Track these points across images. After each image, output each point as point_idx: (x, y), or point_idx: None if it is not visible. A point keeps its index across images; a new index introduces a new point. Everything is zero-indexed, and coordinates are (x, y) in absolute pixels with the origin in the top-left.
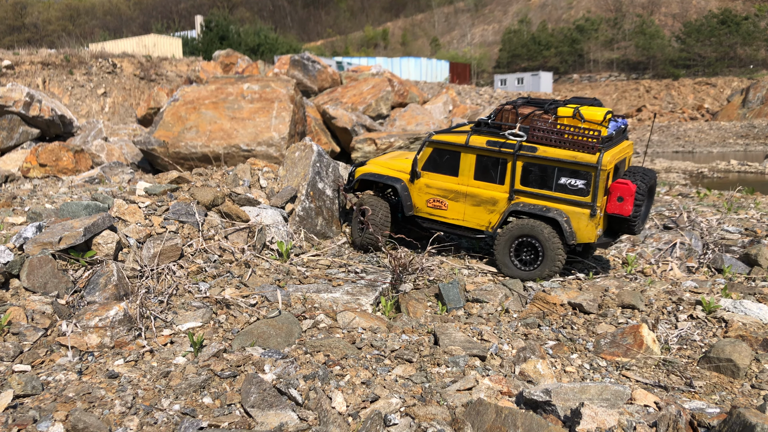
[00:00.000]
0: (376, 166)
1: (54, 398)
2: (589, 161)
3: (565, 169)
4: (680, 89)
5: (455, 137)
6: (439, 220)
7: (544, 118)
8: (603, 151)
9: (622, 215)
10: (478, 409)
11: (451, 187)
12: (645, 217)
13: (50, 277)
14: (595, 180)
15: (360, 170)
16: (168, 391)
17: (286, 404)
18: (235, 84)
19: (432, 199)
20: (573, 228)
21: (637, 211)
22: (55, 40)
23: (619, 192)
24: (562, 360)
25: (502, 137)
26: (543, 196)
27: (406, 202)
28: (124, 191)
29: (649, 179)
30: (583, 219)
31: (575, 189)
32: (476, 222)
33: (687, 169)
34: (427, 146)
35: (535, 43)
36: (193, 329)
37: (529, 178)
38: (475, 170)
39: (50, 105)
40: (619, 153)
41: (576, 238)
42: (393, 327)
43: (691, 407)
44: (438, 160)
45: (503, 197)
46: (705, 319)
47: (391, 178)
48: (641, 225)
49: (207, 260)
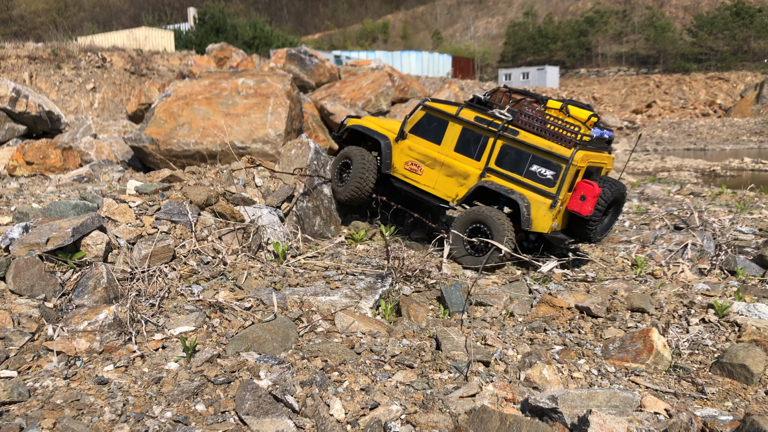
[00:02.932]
0: (368, 122)
1: (41, 405)
2: (562, 153)
3: (539, 158)
4: (692, 84)
5: (448, 107)
6: (411, 183)
7: (534, 105)
8: (578, 148)
9: (581, 214)
10: (482, 416)
11: (431, 154)
12: (606, 228)
13: (37, 280)
14: (563, 173)
15: (351, 121)
16: (160, 397)
17: (282, 411)
18: (229, 79)
19: (410, 162)
20: (531, 215)
21: (597, 215)
22: (42, 33)
23: (583, 191)
24: (569, 365)
25: (491, 116)
26: (512, 179)
27: (386, 160)
28: (114, 190)
29: (617, 191)
30: (542, 208)
31: (543, 178)
32: (444, 192)
33: (699, 167)
34: (420, 110)
35: (541, 36)
36: (186, 333)
37: (504, 159)
38: (457, 142)
39: (37, 101)
40: (596, 158)
41: (531, 225)
42: (393, 331)
43: (702, 415)
44: (426, 126)
45: (476, 173)
46: (717, 323)
47: (378, 133)
48: (599, 234)
49: (200, 262)
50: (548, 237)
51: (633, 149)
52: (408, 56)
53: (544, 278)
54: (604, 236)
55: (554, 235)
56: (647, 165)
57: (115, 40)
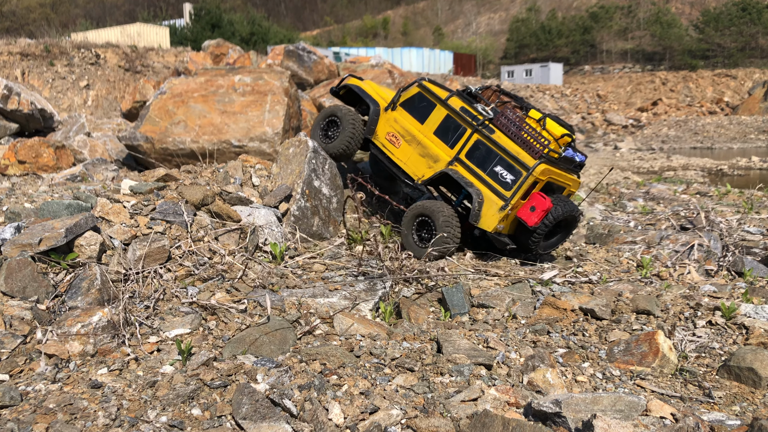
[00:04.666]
0: (367, 85)
1: (33, 409)
2: (526, 162)
3: (505, 160)
4: (698, 81)
5: (440, 91)
6: (386, 153)
7: (516, 110)
8: (542, 161)
9: (527, 224)
10: (484, 421)
11: (412, 131)
12: (552, 245)
13: (30, 281)
14: (522, 180)
15: (351, 80)
16: (154, 401)
17: (279, 416)
18: (225, 76)
19: (392, 134)
20: (481, 211)
21: (542, 229)
22: (34, 30)
23: (534, 202)
24: (572, 369)
25: (474, 110)
26: (475, 173)
27: (371, 126)
28: (108, 190)
29: (568, 211)
30: (493, 208)
31: (503, 180)
32: (413, 170)
33: (705, 166)
34: (415, 86)
35: (544, 32)
36: (181, 336)
37: (475, 153)
38: (438, 126)
39: (30, 98)
40: (559, 176)
41: (479, 221)
42: (393, 334)
43: (709, 419)
44: (416, 103)
45: (446, 159)
46: (724, 326)
47: (370, 97)
48: (542, 248)
49: (196, 263)
50: (491, 236)
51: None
52: (408, 53)
53: (547, 280)
54: (546, 252)
55: (497, 236)
56: (653, 164)
57: (109, 37)
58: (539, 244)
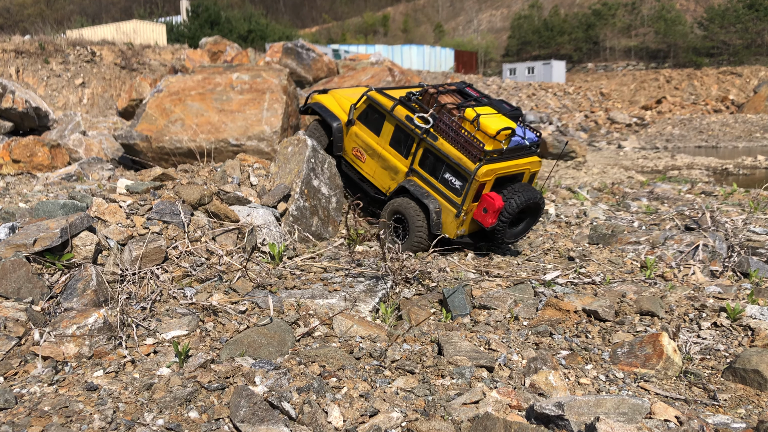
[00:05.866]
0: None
1: (28, 412)
2: (467, 167)
3: (451, 167)
4: (703, 79)
5: (386, 100)
6: (356, 169)
7: (453, 112)
8: (483, 163)
9: (483, 225)
10: (486, 424)
11: (372, 144)
12: (520, 233)
13: (24, 282)
14: (468, 186)
15: (315, 97)
16: (151, 404)
17: (278, 419)
18: (223, 74)
19: (356, 148)
20: (441, 220)
21: (500, 226)
22: (29, 27)
23: (486, 204)
24: (575, 371)
25: (419, 120)
26: (429, 183)
27: (338, 143)
28: (104, 189)
29: (526, 200)
30: (450, 215)
31: (453, 187)
32: (380, 183)
33: (710, 165)
34: (363, 100)
35: (547, 29)
36: (179, 338)
37: (426, 162)
38: (391, 137)
39: (24, 96)
40: (510, 168)
41: (441, 230)
42: (393, 336)
43: (714, 422)
44: (369, 115)
45: (403, 170)
46: (730, 327)
47: (332, 115)
48: (510, 238)
49: (193, 264)
50: (455, 240)
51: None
52: (409, 50)
53: (549, 281)
54: (517, 240)
55: (461, 239)
56: (657, 163)
57: (105, 34)
58: (505, 235)
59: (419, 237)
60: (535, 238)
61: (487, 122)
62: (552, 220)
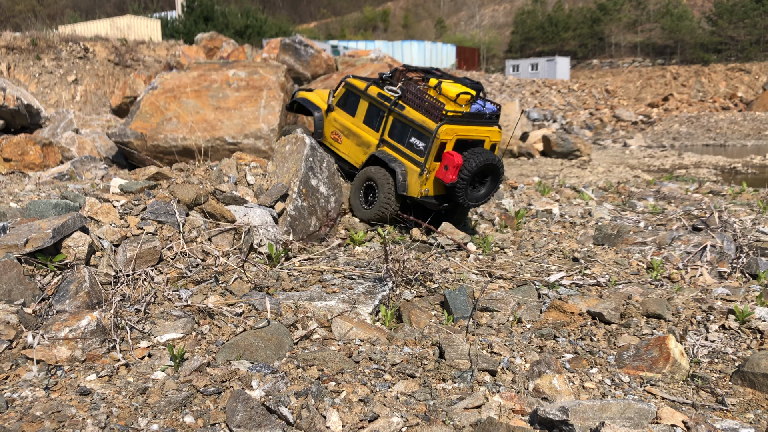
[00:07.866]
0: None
1: (20, 417)
2: (429, 127)
3: (416, 130)
4: (711, 76)
5: (361, 84)
6: (334, 151)
7: (419, 83)
8: (444, 123)
9: (444, 182)
10: (488, 429)
11: (348, 125)
12: (482, 197)
13: (15, 284)
14: (429, 145)
15: (300, 94)
16: (145, 409)
17: (275, 424)
18: (219, 70)
19: (334, 132)
20: (407, 181)
21: (461, 183)
22: (20, 22)
23: (446, 161)
24: (580, 375)
25: (387, 92)
26: (397, 149)
27: (318, 129)
28: (97, 188)
29: (483, 161)
30: (414, 176)
31: (417, 149)
32: (354, 159)
33: (718, 164)
34: (342, 86)
35: (551, 24)
36: (174, 341)
37: (394, 131)
38: (365, 115)
39: (15, 93)
40: (469, 131)
41: (407, 191)
42: (394, 338)
43: (722, 427)
44: (346, 100)
45: (375, 143)
46: (738, 330)
47: (314, 105)
48: (472, 200)
49: (188, 265)
50: (420, 201)
51: (519, 119)
52: (410, 46)
53: (553, 283)
54: (479, 204)
55: (425, 199)
56: (664, 162)
57: (98, 29)
58: (466, 196)
59: (387, 199)
60: (539, 239)
61: (448, 87)
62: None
